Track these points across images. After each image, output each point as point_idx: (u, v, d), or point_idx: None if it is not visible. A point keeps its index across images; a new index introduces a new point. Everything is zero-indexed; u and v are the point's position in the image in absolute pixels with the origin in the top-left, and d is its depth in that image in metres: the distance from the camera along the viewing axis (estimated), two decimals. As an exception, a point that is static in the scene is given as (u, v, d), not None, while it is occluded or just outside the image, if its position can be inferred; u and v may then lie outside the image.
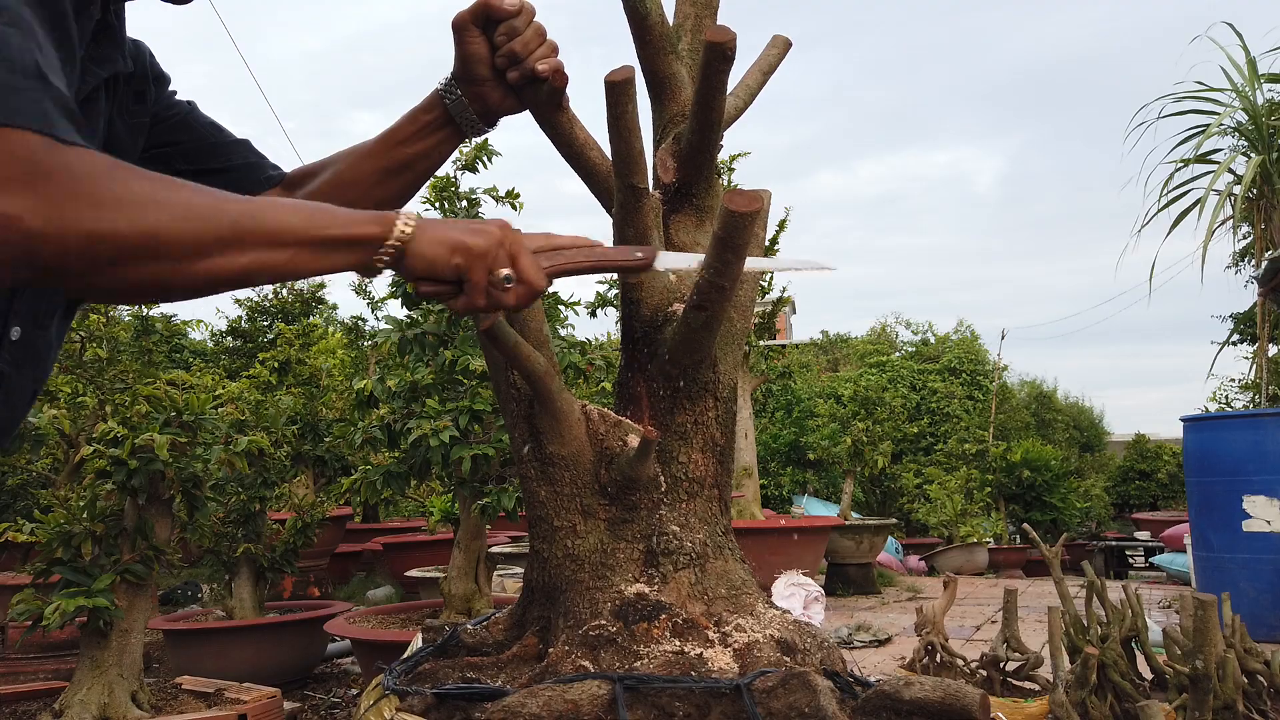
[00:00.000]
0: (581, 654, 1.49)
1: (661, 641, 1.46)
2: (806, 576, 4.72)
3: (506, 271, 0.96)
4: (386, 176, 1.22)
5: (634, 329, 1.74)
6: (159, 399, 2.96)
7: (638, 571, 1.60)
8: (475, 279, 0.94)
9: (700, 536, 1.63)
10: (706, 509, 1.67)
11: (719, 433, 1.70)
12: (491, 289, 0.95)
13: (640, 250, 1.19)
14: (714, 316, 1.51)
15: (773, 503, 11.04)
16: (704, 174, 1.73)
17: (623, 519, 1.64)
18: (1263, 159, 6.00)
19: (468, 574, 3.52)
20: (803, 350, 17.44)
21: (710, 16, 1.88)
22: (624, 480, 1.61)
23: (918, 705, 1.15)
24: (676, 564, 1.59)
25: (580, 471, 1.65)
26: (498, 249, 0.95)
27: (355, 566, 7.28)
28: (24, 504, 5.80)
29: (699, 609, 1.56)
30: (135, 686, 2.75)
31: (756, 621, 1.52)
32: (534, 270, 0.98)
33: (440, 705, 1.41)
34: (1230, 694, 2.18)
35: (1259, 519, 4.53)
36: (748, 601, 1.57)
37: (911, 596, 6.42)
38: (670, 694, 1.30)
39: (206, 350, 10.53)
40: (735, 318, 1.82)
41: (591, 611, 1.56)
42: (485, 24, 1.14)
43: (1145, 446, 15.70)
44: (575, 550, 1.65)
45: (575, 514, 1.65)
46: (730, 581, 1.61)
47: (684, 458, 1.67)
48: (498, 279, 0.95)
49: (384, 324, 3.75)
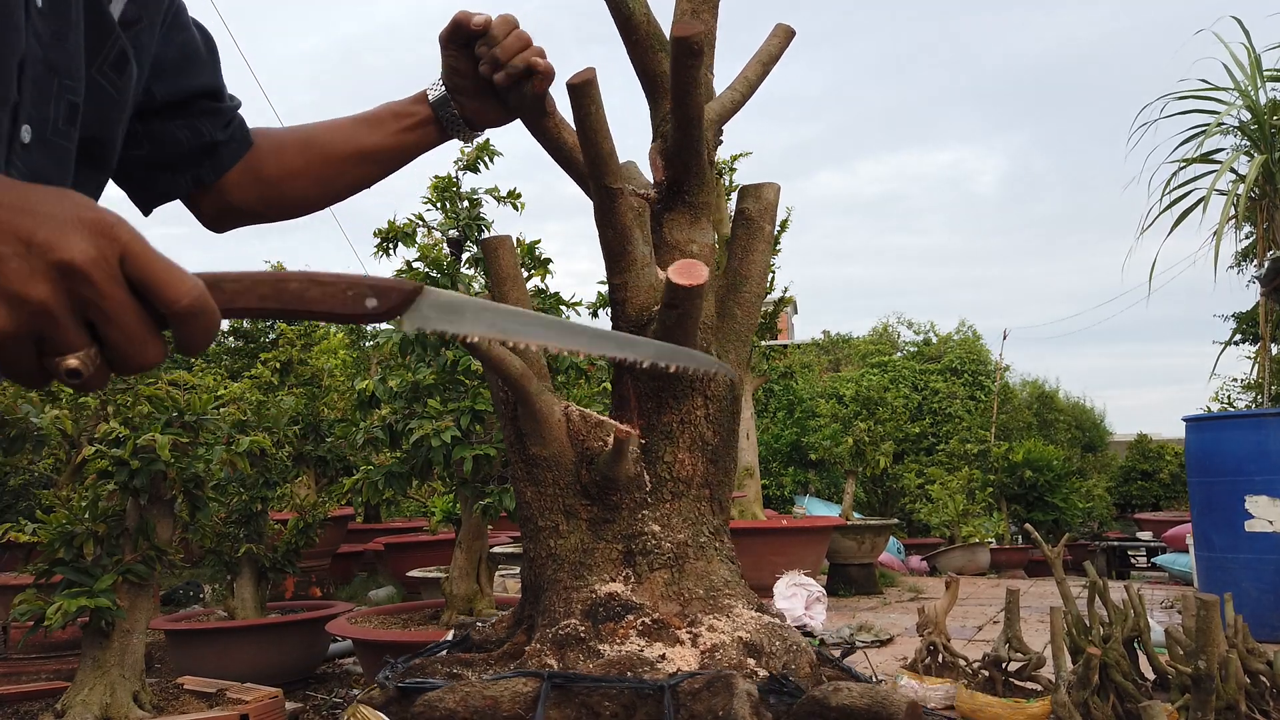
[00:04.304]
0: (550, 652, 1.50)
1: (626, 641, 1.46)
2: (808, 577, 4.72)
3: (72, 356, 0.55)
4: (362, 162, 1.15)
5: (620, 329, 1.75)
6: (161, 399, 2.96)
7: (615, 571, 1.60)
8: None
9: (681, 537, 1.62)
10: (693, 509, 1.66)
11: (710, 431, 1.68)
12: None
13: (375, 295, 0.69)
14: (686, 314, 1.51)
15: (774, 503, 11.04)
16: (692, 170, 1.72)
17: (604, 519, 1.64)
18: (1265, 158, 5.99)
19: (469, 574, 3.52)
20: (804, 350, 17.43)
21: (709, 10, 1.87)
22: (604, 481, 1.61)
23: (844, 712, 1.14)
24: (652, 564, 1.59)
25: (562, 472, 1.66)
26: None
27: (357, 567, 7.29)
28: (26, 504, 5.81)
29: (672, 609, 1.55)
30: (137, 687, 2.75)
31: (730, 623, 1.51)
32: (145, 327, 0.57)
33: (401, 698, 1.42)
34: (1233, 694, 2.18)
35: (1261, 519, 4.52)
36: (726, 603, 1.56)
37: (913, 597, 6.41)
38: (601, 694, 1.31)
39: (208, 351, 10.53)
40: (739, 315, 1.81)
41: (565, 610, 1.57)
42: (464, 41, 1.14)
43: (1147, 446, 15.69)
44: (557, 550, 1.65)
45: (558, 514, 1.66)
46: (710, 582, 1.59)
47: (669, 457, 1.66)
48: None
49: (385, 324, 3.75)
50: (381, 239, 3.81)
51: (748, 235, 1.89)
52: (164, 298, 0.56)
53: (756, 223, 1.89)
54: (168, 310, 0.56)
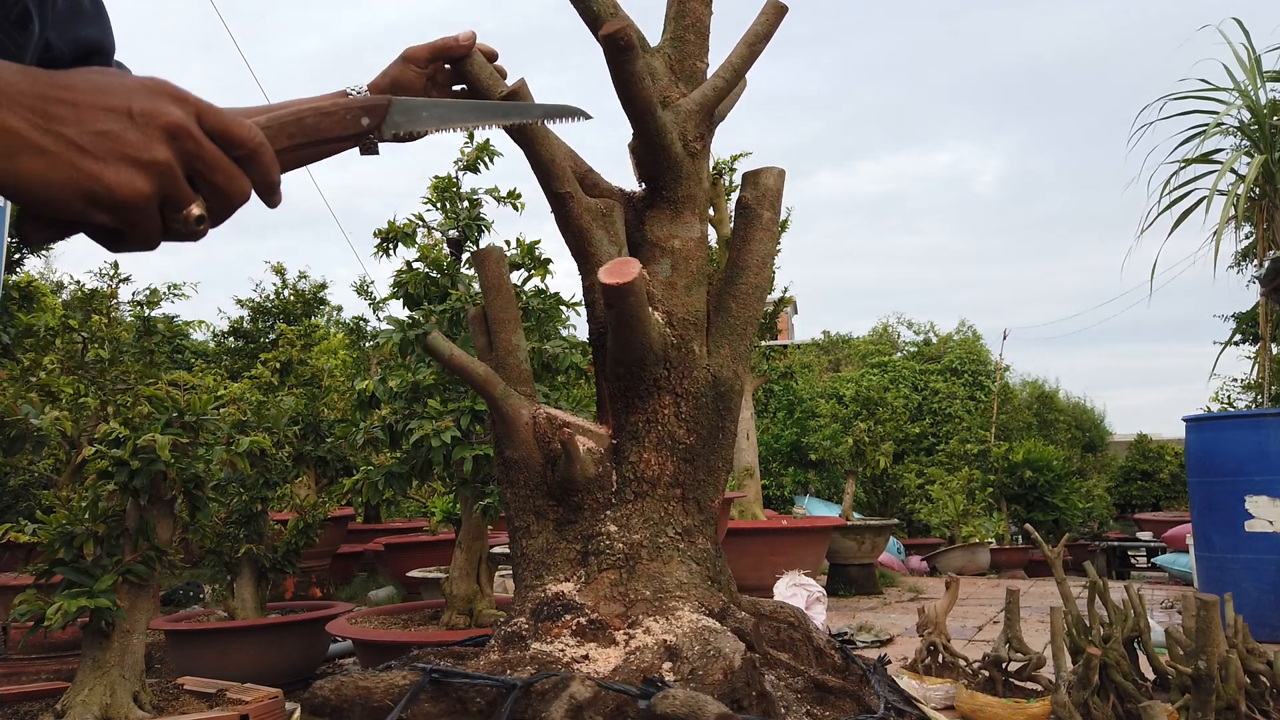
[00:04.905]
0: (499, 649, 1.55)
1: (558, 640, 1.49)
2: (809, 577, 4.71)
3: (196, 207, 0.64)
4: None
5: (593, 331, 1.77)
6: (161, 399, 2.96)
7: (570, 571, 1.62)
8: None
9: (637, 538, 1.61)
10: (658, 509, 1.64)
11: (683, 430, 1.66)
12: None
13: (365, 113, 0.90)
14: (626, 313, 1.52)
15: (774, 503, 11.04)
16: (662, 165, 1.71)
17: (568, 520, 1.66)
18: (1265, 158, 5.99)
19: (469, 574, 3.52)
20: (804, 350, 17.42)
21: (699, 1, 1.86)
22: (565, 482, 1.63)
23: (666, 718, 1.17)
24: (602, 565, 1.60)
25: (531, 474, 1.68)
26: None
27: (357, 567, 7.29)
28: (26, 505, 5.81)
29: (615, 610, 1.55)
30: (137, 687, 2.75)
31: (666, 625, 1.50)
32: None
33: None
34: (1233, 694, 2.18)
35: (1261, 519, 4.52)
36: (672, 605, 1.55)
37: (913, 597, 6.41)
38: (477, 689, 1.34)
39: (208, 351, 10.53)
40: (734, 308, 1.78)
41: (520, 609, 1.62)
42: (438, 59, 1.27)
43: (1147, 447, 15.69)
44: (527, 550, 1.68)
45: (530, 515, 1.69)
46: (661, 584, 1.57)
47: (634, 457, 1.65)
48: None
49: (386, 324, 3.75)
50: (381, 239, 3.81)
51: (744, 224, 1.83)
52: (237, 141, 0.65)
53: (754, 210, 1.81)
54: (241, 152, 0.65)
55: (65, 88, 0.59)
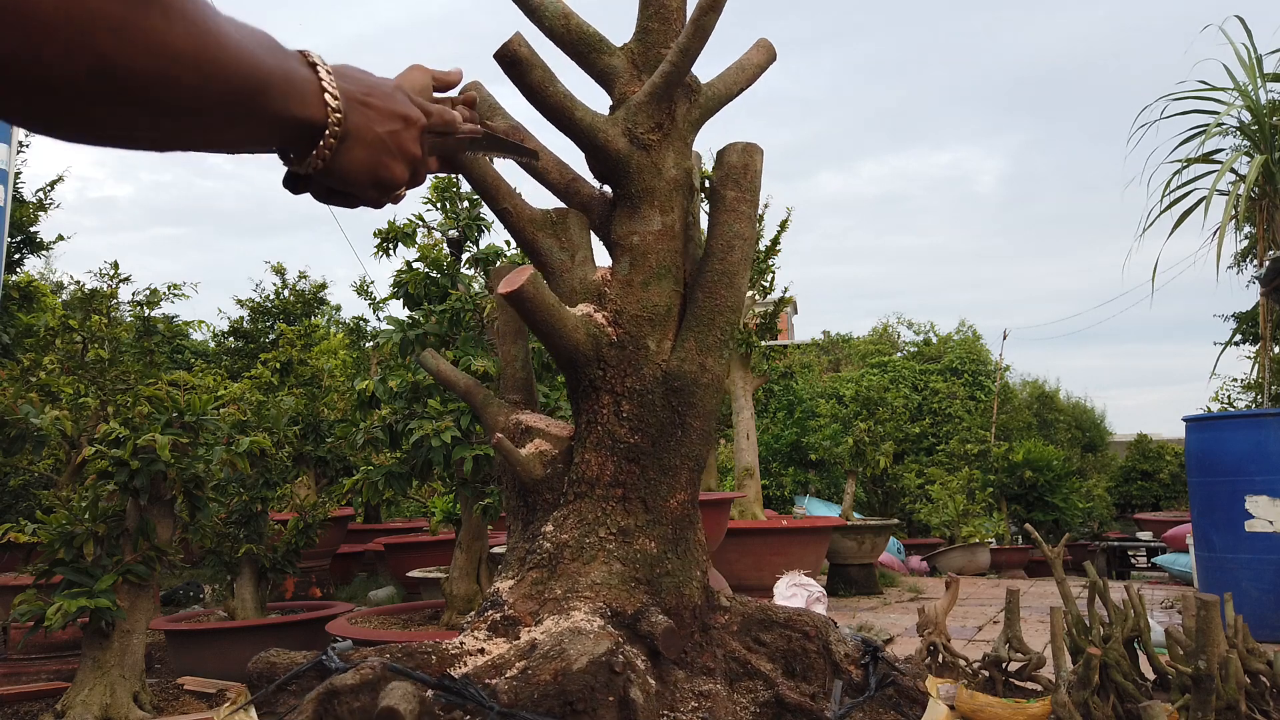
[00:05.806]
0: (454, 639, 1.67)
1: (475, 633, 1.58)
2: (808, 577, 4.71)
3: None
4: None
5: None
6: (161, 400, 2.96)
7: (516, 570, 1.68)
8: None
9: (565, 538, 1.61)
10: (595, 509, 1.63)
11: (624, 429, 1.64)
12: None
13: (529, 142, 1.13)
14: (532, 318, 1.58)
15: (774, 503, 11.03)
16: (607, 165, 1.74)
17: (529, 520, 1.74)
18: (1265, 158, 5.99)
19: (470, 574, 3.52)
20: (804, 350, 17.42)
21: None
22: (521, 484, 1.71)
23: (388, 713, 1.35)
24: (530, 564, 1.64)
25: (510, 477, 1.77)
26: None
27: (357, 567, 7.29)
28: (26, 505, 5.81)
29: (529, 607, 1.59)
30: (137, 687, 2.75)
31: (554, 624, 1.54)
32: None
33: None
34: (1233, 694, 2.18)
35: (1261, 519, 4.52)
36: (573, 605, 1.56)
37: (913, 597, 6.41)
38: (336, 673, 1.48)
39: (208, 351, 10.54)
40: (700, 298, 1.73)
41: (477, 605, 1.73)
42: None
43: (1147, 446, 15.68)
44: (508, 546, 1.77)
45: (511, 514, 1.78)
46: (575, 584, 1.58)
47: (577, 458, 1.67)
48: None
49: (386, 325, 3.75)
50: (382, 239, 3.81)
51: (713, 208, 1.78)
52: (455, 129, 0.83)
53: (719, 192, 1.76)
54: (455, 135, 0.84)
55: (370, 92, 0.72)
